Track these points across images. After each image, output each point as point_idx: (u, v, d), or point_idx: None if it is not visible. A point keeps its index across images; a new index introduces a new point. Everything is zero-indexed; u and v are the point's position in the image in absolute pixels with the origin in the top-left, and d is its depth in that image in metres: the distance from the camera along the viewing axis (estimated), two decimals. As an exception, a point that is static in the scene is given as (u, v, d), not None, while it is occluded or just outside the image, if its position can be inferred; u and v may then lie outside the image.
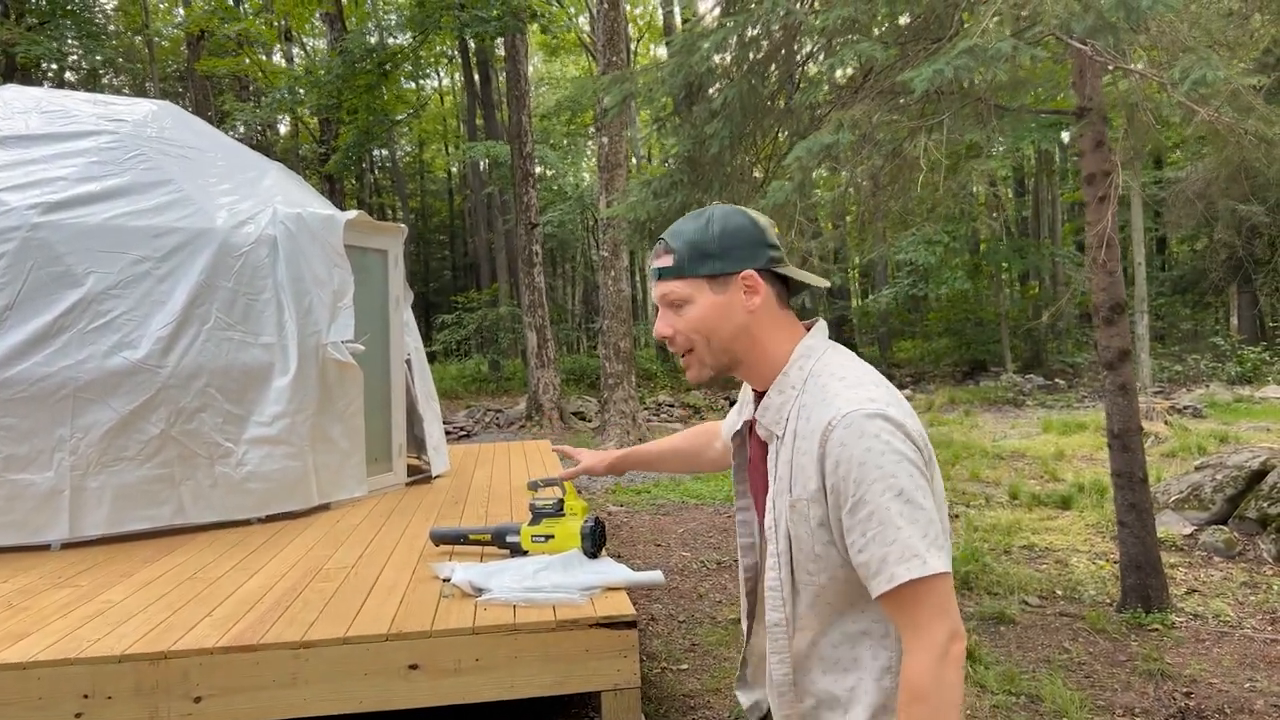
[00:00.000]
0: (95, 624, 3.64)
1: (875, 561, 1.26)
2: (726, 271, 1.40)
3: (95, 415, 5.33)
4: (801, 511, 1.33)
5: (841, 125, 3.81)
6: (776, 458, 1.39)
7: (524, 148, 15.90)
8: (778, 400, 1.41)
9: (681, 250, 1.41)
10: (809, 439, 1.32)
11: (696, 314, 1.40)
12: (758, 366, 1.44)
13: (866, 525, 1.26)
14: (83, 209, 5.60)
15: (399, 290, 7.15)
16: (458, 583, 3.84)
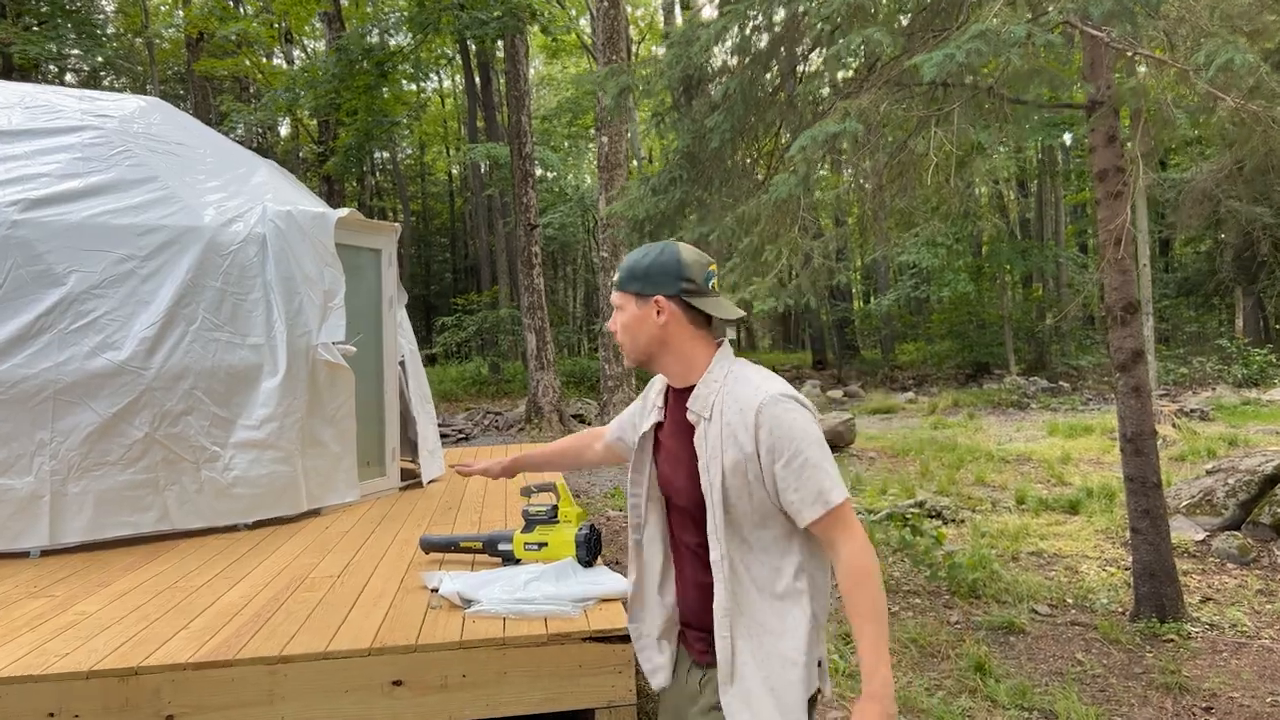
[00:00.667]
0: (66, 637, 3.47)
1: (812, 494, 1.77)
2: (644, 293, 1.91)
3: (77, 418, 5.17)
4: (740, 468, 1.79)
5: (848, 114, 3.64)
6: (705, 434, 1.85)
7: (524, 148, 15.75)
8: (704, 392, 1.89)
9: (623, 271, 1.96)
10: (740, 416, 1.80)
11: (624, 319, 1.95)
12: (671, 365, 1.95)
13: (803, 470, 1.76)
14: (65, 206, 5.45)
15: (392, 290, 6.99)
16: (446, 594, 3.67)
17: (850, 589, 1.77)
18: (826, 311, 26.60)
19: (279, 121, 30.64)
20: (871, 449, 12.12)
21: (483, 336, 23.93)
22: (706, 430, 1.85)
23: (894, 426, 14.68)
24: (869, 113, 3.75)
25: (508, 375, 22.94)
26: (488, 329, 23.23)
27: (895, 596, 5.92)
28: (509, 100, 16.16)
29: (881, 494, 8.99)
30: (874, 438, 13.05)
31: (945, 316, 23.50)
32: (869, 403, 17.95)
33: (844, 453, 11.80)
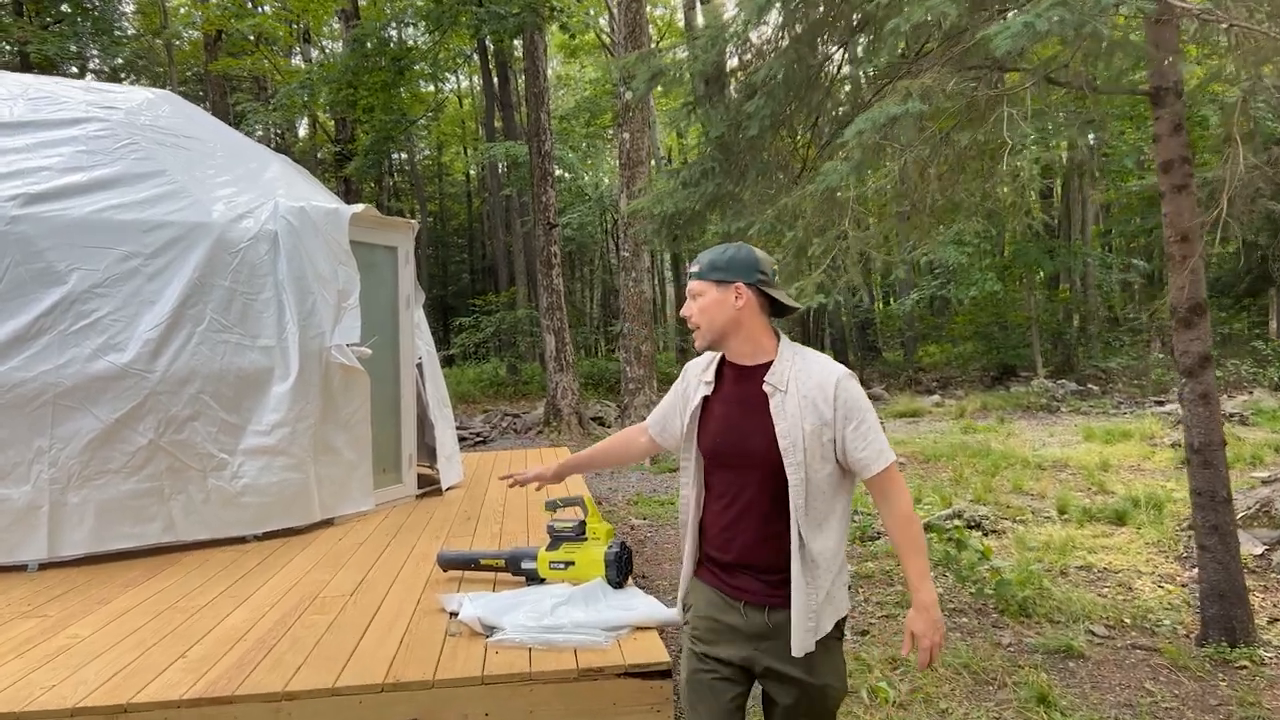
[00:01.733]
0: (55, 665, 3.20)
1: (874, 452, 2.16)
2: (725, 280, 2.22)
3: (77, 424, 4.91)
4: (818, 433, 2.12)
5: (910, 95, 3.32)
6: (783, 405, 2.15)
7: (542, 146, 15.47)
8: (781, 369, 2.20)
9: (703, 263, 2.25)
10: (818, 389, 2.15)
11: (704, 302, 2.23)
12: (742, 345, 2.25)
13: (869, 433, 2.16)
14: (67, 201, 5.19)
15: (409, 289, 6.71)
16: (466, 620, 3.37)
17: (903, 527, 2.19)
18: (847, 312, 26.19)
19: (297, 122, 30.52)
20: (901, 454, 11.75)
21: (500, 338, 23.67)
22: (784, 401, 2.14)
23: (922, 430, 14.30)
24: (933, 93, 3.43)
25: (526, 377, 22.67)
26: (505, 330, 22.97)
27: (940, 615, 5.58)
28: (528, 97, 15.89)
29: (916, 503, 8.64)
30: (903, 442, 12.68)
31: (970, 317, 23.04)
32: (894, 406, 17.56)
33: (873, 458, 11.44)
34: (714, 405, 2.28)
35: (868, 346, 25.64)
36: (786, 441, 2.12)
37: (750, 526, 2.22)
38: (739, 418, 2.22)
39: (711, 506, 2.29)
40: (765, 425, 2.16)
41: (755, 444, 2.18)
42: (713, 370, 2.32)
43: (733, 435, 2.22)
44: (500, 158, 21.60)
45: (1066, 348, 21.88)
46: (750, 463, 2.19)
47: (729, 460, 2.23)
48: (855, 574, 6.39)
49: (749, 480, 2.20)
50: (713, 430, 2.26)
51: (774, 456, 2.14)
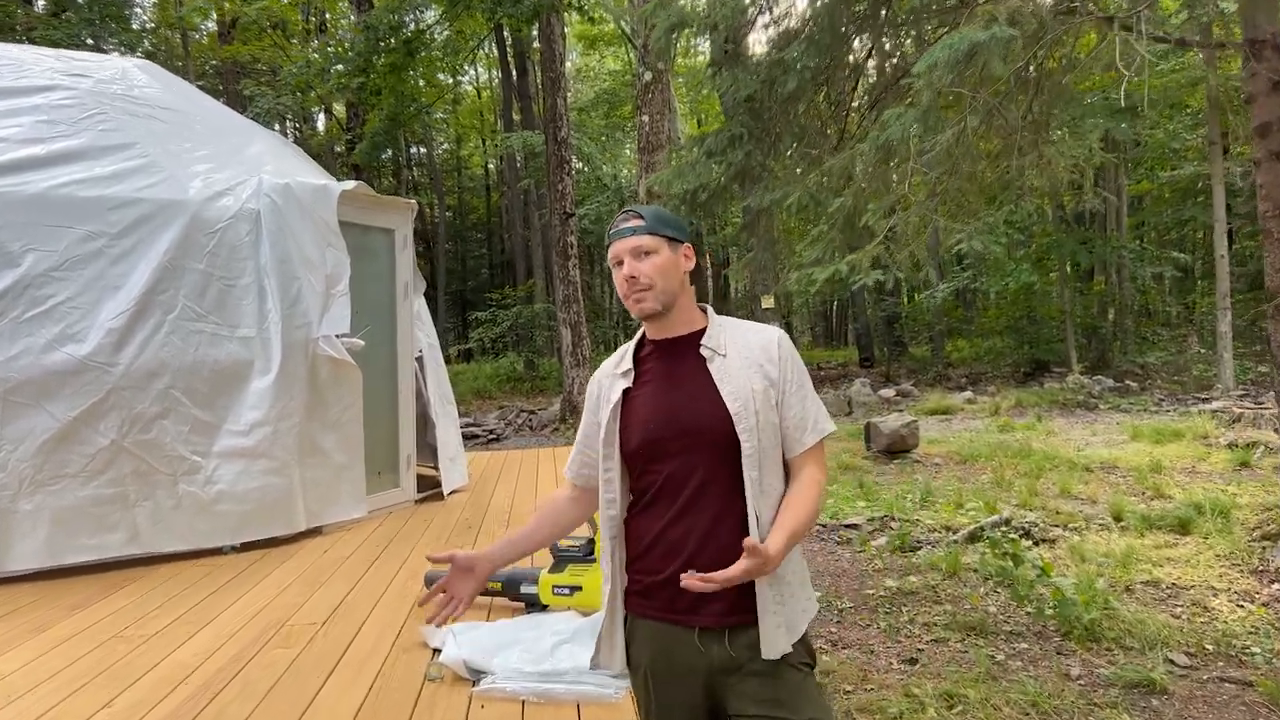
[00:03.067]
0: (-45, 715, 2.67)
1: (810, 419, 1.92)
2: (676, 239, 1.94)
3: (30, 422, 4.39)
4: (768, 394, 1.88)
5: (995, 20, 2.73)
6: (725, 366, 1.90)
7: (559, 133, 14.90)
8: (715, 332, 1.95)
9: (651, 217, 1.94)
10: (760, 350, 1.92)
11: (660, 261, 1.90)
12: (683, 312, 1.96)
13: (806, 398, 1.93)
14: (22, 175, 4.68)
15: (408, 276, 6.15)
16: (449, 661, 2.81)
17: (806, 494, 1.85)
18: (873, 306, 25.49)
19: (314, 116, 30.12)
20: (936, 454, 11.11)
21: (517, 332, 23.14)
22: (725, 365, 1.90)
23: (955, 429, 13.64)
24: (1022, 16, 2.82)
25: (543, 372, 22.14)
26: (522, 324, 22.43)
27: (996, 639, 4.97)
28: (544, 83, 15.33)
29: (958, 508, 8.01)
30: (937, 441, 12.04)
31: (1002, 311, 22.27)
32: (925, 403, 16.88)
33: (907, 459, 10.81)
34: (636, 395, 1.94)
35: (894, 341, 24.92)
36: (737, 404, 1.84)
37: (700, 521, 1.85)
38: (672, 393, 1.91)
39: (641, 518, 1.91)
40: (707, 390, 1.88)
41: (698, 414, 1.87)
42: (629, 358, 1.98)
43: (667, 414, 1.89)
44: (517, 148, 21.07)
45: (1102, 342, 21.10)
46: (694, 441, 1.86)
47: (665, 447, 1.87)
48: (897, 589, 5.80)
49: (693, 464, 1.86)
50: (640, 419, 1.91)
51: (723, 424, 1.84)
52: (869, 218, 3.31)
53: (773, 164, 4.53)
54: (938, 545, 6.88)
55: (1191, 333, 22.50)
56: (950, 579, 5.94)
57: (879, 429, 11.00)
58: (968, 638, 5.00)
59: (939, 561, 6.22)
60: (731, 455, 1.82)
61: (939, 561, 6.22)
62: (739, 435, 1.81)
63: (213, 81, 28.64)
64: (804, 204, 3.64)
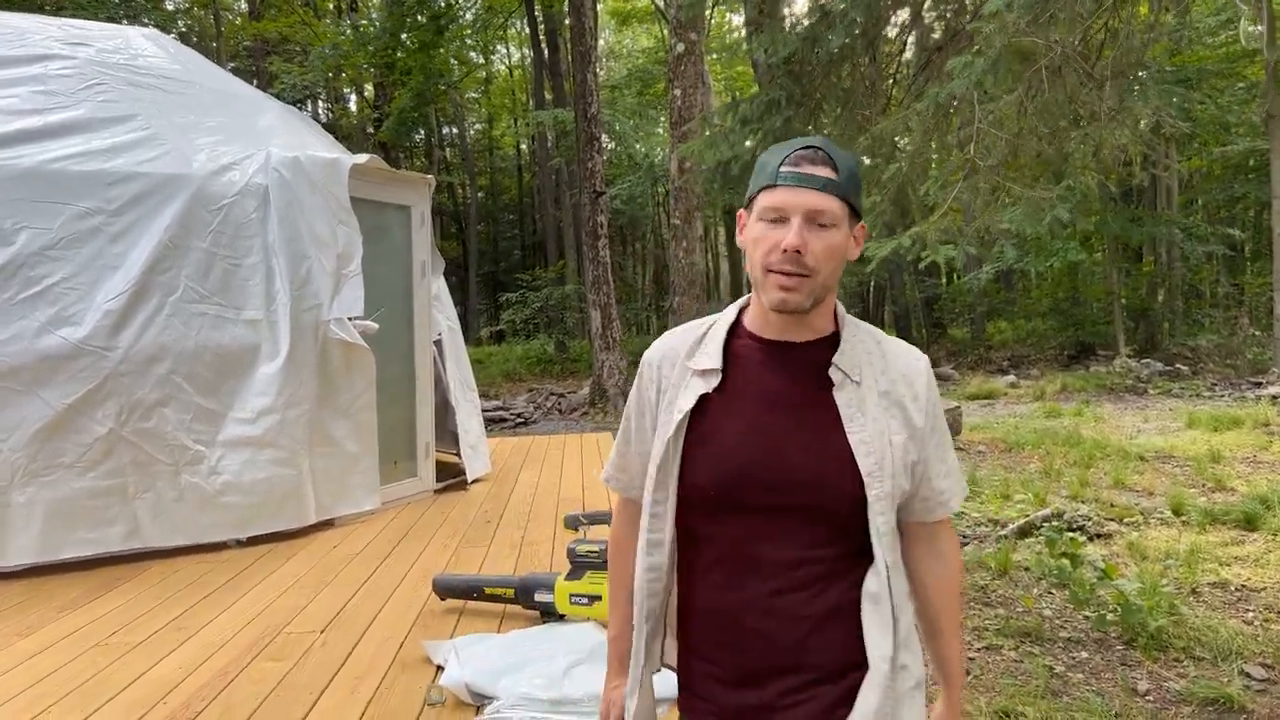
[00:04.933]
0: (-94, 738, 2.42)
1: (954, 484, 1.44)
2: (858, 212, 1.37)
3: (23, 410, 4.15)
4: (903, 446, 1.34)
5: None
6: (860, 402, 1.34)
7: (589, 109, 14.53)
8: (850, 348, 1.39)
9: (845, 172, 1.33)
10: (903, 381, 1.37)
11: (838, 238, 1.33)
12: (820, 314, 1.38)
13: (946, 453, 1.42)
14: (16, 149, 4.42)
15: (426, 255, 5.86)
16: (450, 685, 2.51)
17: (952, 591, 1.46)
18: (910, 287, 24.91)
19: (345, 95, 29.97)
20: (980, 441, 10.68)
21: (548, 313, 22.86)
22: (859, 397, 1.35)
23: (999, 414, 13.17)
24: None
25: (574, 354, 21.85)
26: (553, 305, 22.15)
27: (1053, 646, 4.60)
28: (574, 57, 14.96)
29: (1005, 500, 7.61)
30: (980, 428, 11.60)
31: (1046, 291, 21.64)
32: (966, 387, 16.39)
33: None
34: (719, 409, 1.37)
35: (933, 323, 24.35)
36: (871, 460, 1.31)
37: (796, 605, 1.31)
38: (777, 423, 1.34)
39: (702, 586, 1.37)
40: (829, 431, 1.32)
41: (812, 466, 1.31)
42: (716, 349, 1.40)
43: (766, 454, 1.32)
44: (548, 126, 20.74)
45: (1150, 324, 20.42)
46: (799, 502, 1.31)
47: (751, 499, 1.32)
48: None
49: (789, 530, 1.31)
50: (722, 447, 1.34)
51: (847, 486, 1.30)
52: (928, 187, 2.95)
53: (814, 131, 4.16)
54: (986, 540, 6.49)
55: (1243, 314, 21.74)
56: (1001, 578, 5.56)
57: (920, 415, 10.59)
58: (1022, 644, 4.63)
59: (988, 559, 5.84)
60: (851, 529, 1.32)
61: (988, 559, 5.84)
62: (871, 505, 1.30)
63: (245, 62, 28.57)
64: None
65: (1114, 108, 4.11)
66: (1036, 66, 2.83)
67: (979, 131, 2.82)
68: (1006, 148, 2.89)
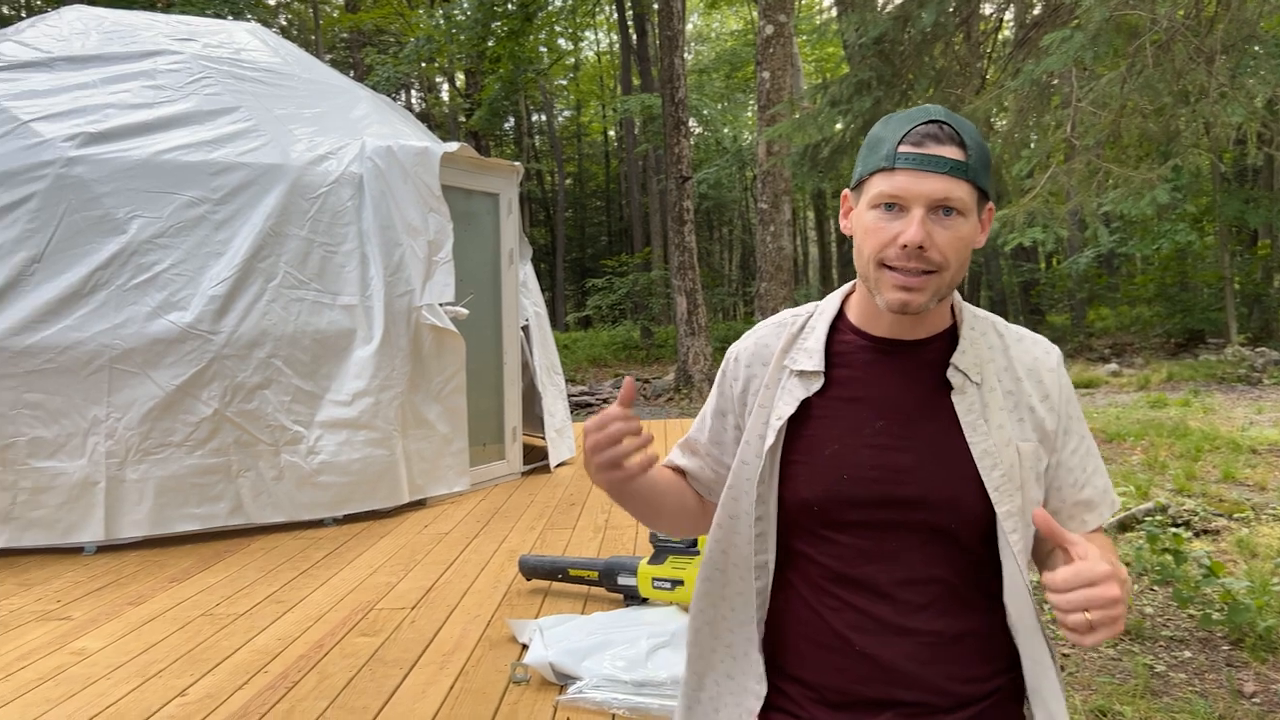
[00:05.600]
0: (29, 700, 2.57)
1: (1100, 491, 1.26)
2: (989, 194, 1.20)
3: (136, 391, 4.37)
4: (1033, 454, 1.20)
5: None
6: (982, 405, 1.20)
7: (676, 94, 14.48)
8: (970, 345, 1.23)
9: (975, 149, 1.15)
10: (1027, 380, 1.22)
11: (967, 232, 1.15)
12: (938, 309, 1.23)
13: (1089, 458, 1.27)
14: (128, 141, 4.64)
15: (513, 242, 5.94)
16: (535, 664, 2.56)
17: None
18: (1007, 272, 24.19)
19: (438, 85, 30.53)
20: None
21: (634, 299, 22.95)
22: (981, 400, 1.20)
23: (1100, 404, 12.72)
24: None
25: (659, 340, 21.90)
26: (638, 291, 22.22)
27: (1154, 645, 4.44)
28: (661, 41, 14.92)
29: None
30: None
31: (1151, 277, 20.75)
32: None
33: (1044, 435, 10.09)
34: (821, 417, 1.22)
35: (1031, 310, 23.60)
36: (998, 473, 1.15)
37: (912, 628, 1.18)
38: (888, 432, 1.19)
39: (813, 600, 1.23)
40: (948, 441, 1.17)
41: (933, 482, 1.17)
42: (818, 348, 1.24)
43: (877, 467, 1.18)
44: (635, 112, 20.75)
45: (1265, 311, 19.40)
46: (918, 518, 1.17)
47: (866, 516, 1.18)
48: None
49: (911, 547, 1.18)
50: (827, 460, 1.20)
51: (971, 503, 1.16)
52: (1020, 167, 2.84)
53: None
54: (1082, 534, 6.28)
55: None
56: (1098, 573, 5.38)
57: (1014, 403, 10.31)
58: (1121, 642, 4.48)
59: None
60: (975, 548, 1.18)
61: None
62: (1001, 522, 1.15)
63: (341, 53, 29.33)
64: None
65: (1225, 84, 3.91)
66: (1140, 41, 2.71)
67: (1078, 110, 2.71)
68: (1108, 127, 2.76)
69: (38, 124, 4.58)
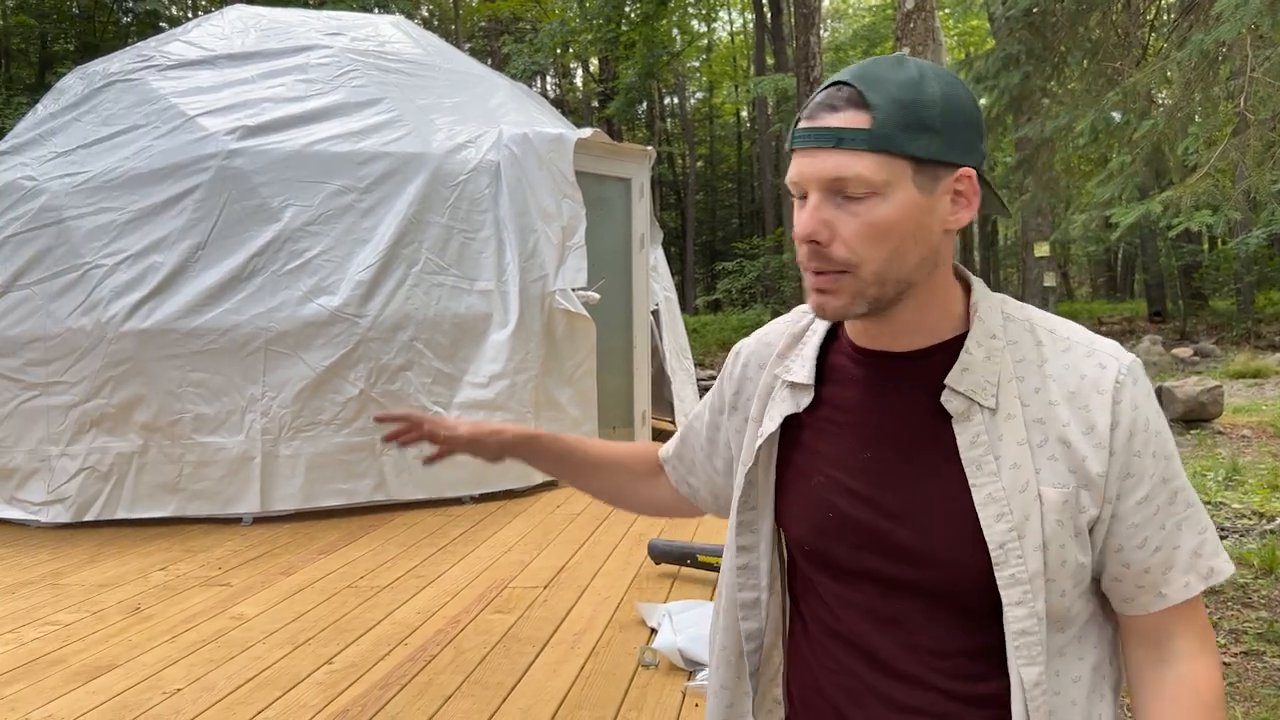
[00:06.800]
0: (194, 659, 2.76)
1: (1185, 556, 0.94)
2: (942, 159, 0.89)
3: (288, 371, 4.61)
4: (1070, 506, 0.91)
5: None
6: (991, 437, 0.92)
7: (811, 73, 14.18)
8: (979, 357, 0.94)
9: (889, 107, 0.88)
10: (1065, 404, 0.92)
11: (885, 215, 0.88)
12: (922, 312, 0.96)
13: (1171, 511, 0.94)
14: (282, 133, 4.88)
15: (644, 227, 5.96)
16: (663, 649, 2.57)
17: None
18: (1168, 253, 22.70)
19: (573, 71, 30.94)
20: (1243, 425, 9.64)
21: (765, 282, 22.72)
22: (993, 429, 0.93)
23: (1268, 395, 11.83)
24: None
25: (792, 324, 21.60)
26: (769, 274, 21.98)
27: (1329, 659, 4.10)
28: (796, 19, 14.66)
29: (1272, 490, 6.84)
30: (1244, 409, 10.47)
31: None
32: (1229, 364, 14.81)
33: (1207, 429, 9.45)
34: (807, 440, 1.03)
35: (1192, 294, 22.11)
36: (1004, 526, 0.90)
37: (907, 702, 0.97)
38: (878, 468, 0.98)
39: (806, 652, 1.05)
40: (944, 485, 0.94)
41: (922, 532, 0.95)
42: (810, 358, 1.04)
43: (863, 508, 0.98)
44: (768, 92, 20.48)
45: None
46: (906, 574, 0.96)
47: (850, 561, 0.99)
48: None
49: (905, 605, 0.97)
50: (808, 499, 1.02)
51: (969, 561, 0.92)
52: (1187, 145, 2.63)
53: (1055, 88, 3.84)
54: (1248, 535, 5.87)
55: None
56: (1266, 577, 5.01)
57: (1173, 394, 9.68)
58: (1291, 653, 4.16)
59: (1250, 556, 5.27)
60: (981, 613, 0.94)
61: (1250, 556, 5.27)
62: (1004, 590, 0.90)
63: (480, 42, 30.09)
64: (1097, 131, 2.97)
65: None
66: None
67: (1252, 81, 2.48)
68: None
69: (203, 119, 4.87)
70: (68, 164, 4.92)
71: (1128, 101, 2.85)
